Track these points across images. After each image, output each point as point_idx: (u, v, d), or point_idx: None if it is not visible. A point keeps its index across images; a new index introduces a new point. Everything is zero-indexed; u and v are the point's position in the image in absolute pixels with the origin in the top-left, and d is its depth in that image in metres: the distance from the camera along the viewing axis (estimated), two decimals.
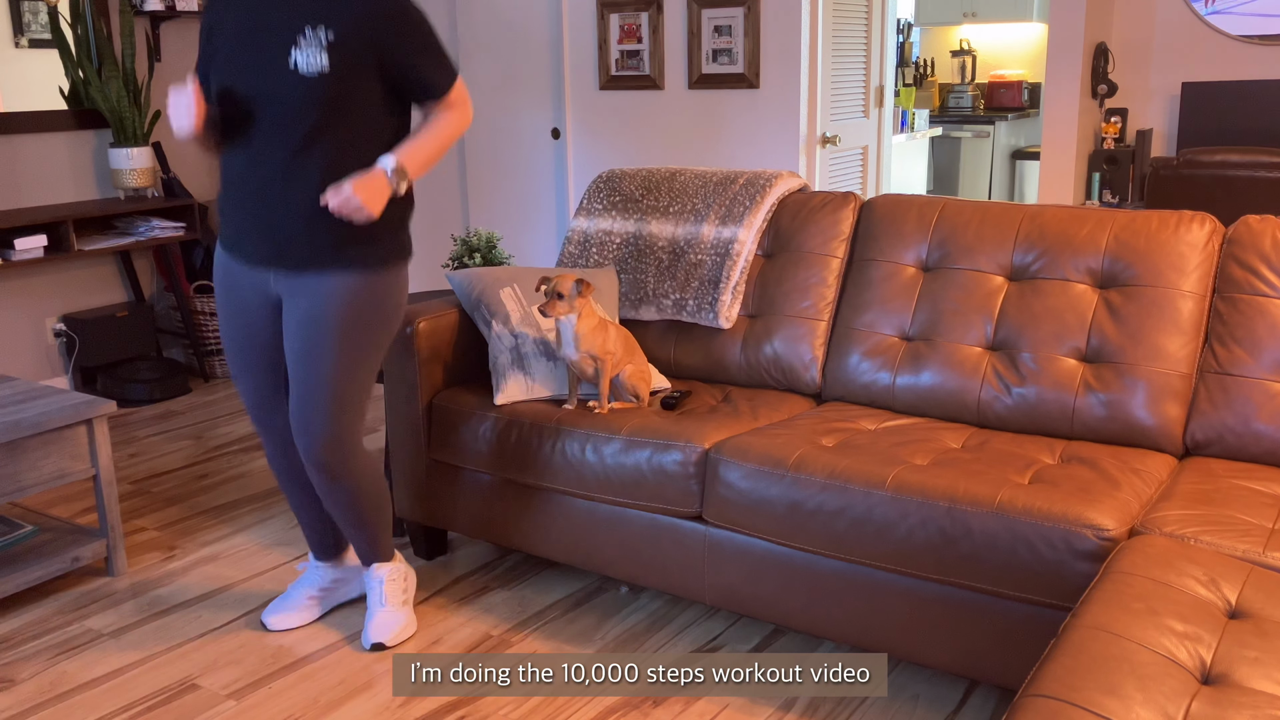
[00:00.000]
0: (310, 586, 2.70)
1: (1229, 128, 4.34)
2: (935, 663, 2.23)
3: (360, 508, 2.46)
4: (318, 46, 2.14)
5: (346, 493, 2.42)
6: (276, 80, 2.16)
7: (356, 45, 2.16)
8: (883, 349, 2.72)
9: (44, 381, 4.57)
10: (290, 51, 2.15)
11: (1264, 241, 2.42)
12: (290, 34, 2.15)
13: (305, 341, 2.29)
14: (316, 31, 2.15)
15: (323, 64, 2.14)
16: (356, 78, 2.18)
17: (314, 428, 2.33)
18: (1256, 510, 2.07)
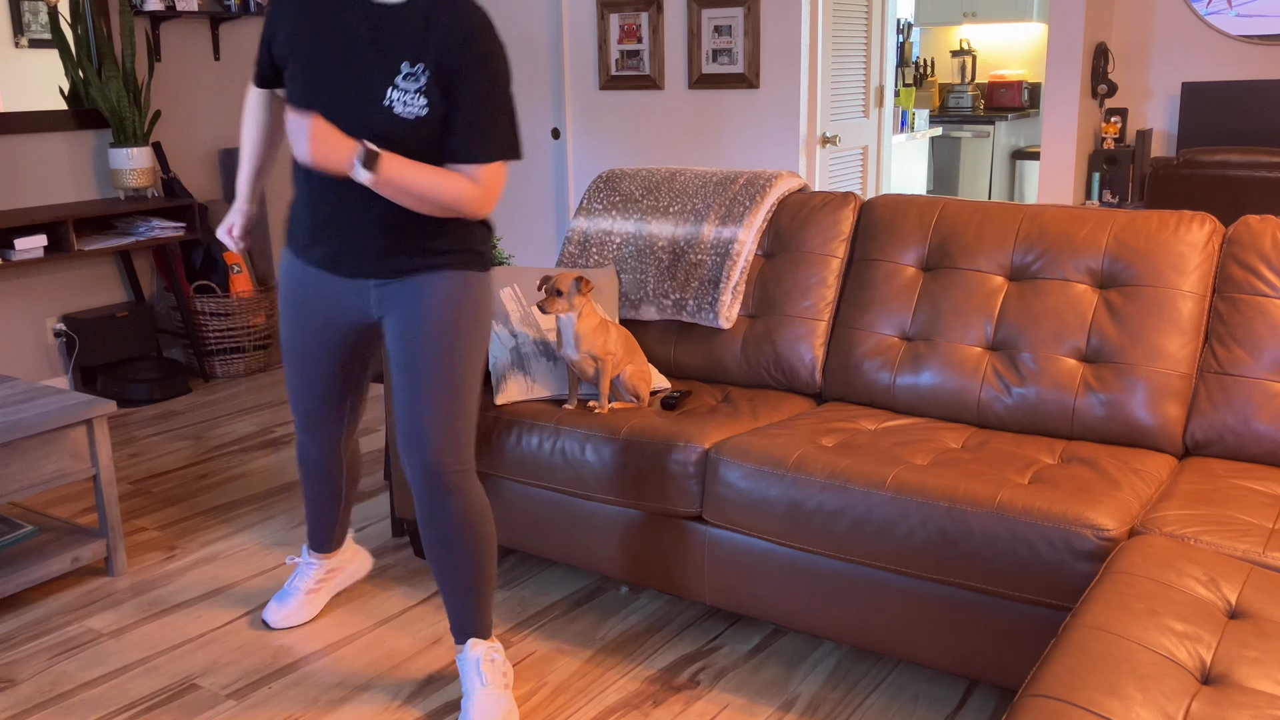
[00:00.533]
0: (308, 579, 2.70)
1: (1229, 128, 4.35)
2: (935, 663, 2.23)
3: (468, 544, 2.22)
4: (415, 89, 2.03)
5: (452, 520, 2.21)
6: (371, 117, 2.05)
7: (445, 81, 2.04)
8: (883, 349, 2.72)
9: (44, 381, 4.58)
10: (387, 91, 2.04)
11: (1264, 241, 2.42)
12: (386, 72, 2.04)
13: (409, 347, 2.19)
14: (414, 69, 2.03)
15: (420, 108, 2.04)
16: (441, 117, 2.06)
17: (428, 435, 2.17)
18: (1256, 510, 2.07)
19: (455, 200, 2.08)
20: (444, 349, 2.18)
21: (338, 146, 2.00)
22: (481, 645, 2.30)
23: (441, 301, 2.17)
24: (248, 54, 5.23)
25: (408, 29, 2.03)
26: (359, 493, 3.53)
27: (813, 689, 2.40)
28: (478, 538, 2.24)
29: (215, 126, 5.15)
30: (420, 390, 2.18)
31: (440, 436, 2.18)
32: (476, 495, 2.24)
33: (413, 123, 2.04)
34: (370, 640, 2.64)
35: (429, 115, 2.04)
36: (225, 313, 4.83)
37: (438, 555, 2.25)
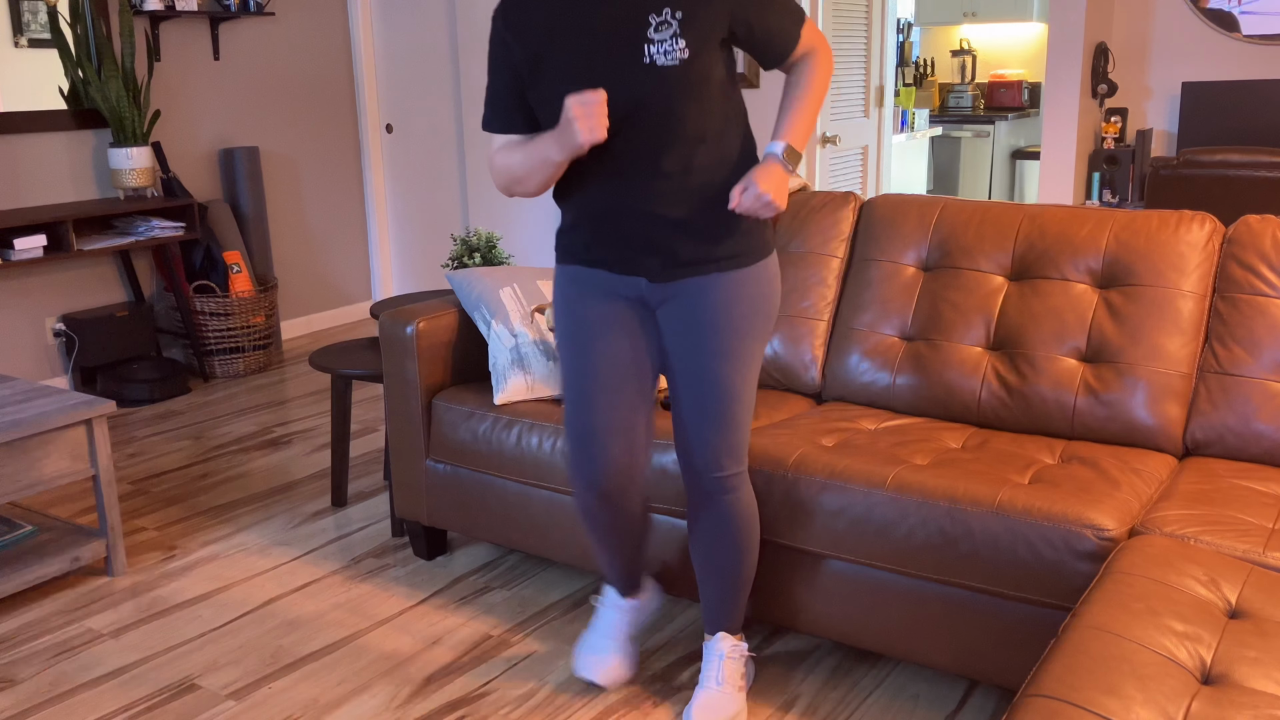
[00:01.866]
0: (624, 625, 2.43)
1: (1229, 128, 4.35)
2: (935, 663, 2.23)
3: (737, 542, 2.19)
4: (669, 34, 1.93)
5: (729, 518, 2.17)
6: (632, 82, 1.94)
7: (706, 17, 1.94)
8: (883, 349, 2.72)
9: (44, 381, 4.58)
10: (643, 47, 1.93)
11: (1264, 241, 2.42)
12: (637, 27, 1.94)
13: (693, 348, 2.09)
14: (663, 15, 1.93)
15: (681, 50, 1.93)
16: (709, 54, 1.97)
17: (716, 440, 2.11)
18: (1256, 510, 2.07)
19: (825, 79, 2.06)
20: (731, 353, 2.08)
21: (772, 176, 1.94)
22: (729, 641, 2.29)
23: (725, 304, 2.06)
24: (247, 54, 5.24)
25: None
26: (360, 492, 3.53)
27: (813, 689, 2.40)
28: (746, 535, 2.21)
29: (215, 126, 5.15)
30: (706, 398, 2.10)
31: (727, 439, 2.13)
32: (747, 496, 2.20)
33: (679, 67, 1.94)
34: (370, 640, 2.63)
35: (691, 54, 1.94)
36: (225, 313, 4.83)
37: (704, 546, 2.22)
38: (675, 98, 1.95)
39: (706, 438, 2.12)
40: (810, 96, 2.04)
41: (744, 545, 2.21)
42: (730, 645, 2.28)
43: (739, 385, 2.11)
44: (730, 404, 2.10)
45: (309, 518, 3.36)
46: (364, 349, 3.35)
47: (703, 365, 2.08)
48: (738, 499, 2.17)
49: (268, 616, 2.76)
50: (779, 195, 1.94)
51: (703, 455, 2.13)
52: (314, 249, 5.72)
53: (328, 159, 5.72)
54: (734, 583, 2.24)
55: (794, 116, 2.02)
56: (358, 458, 3.86)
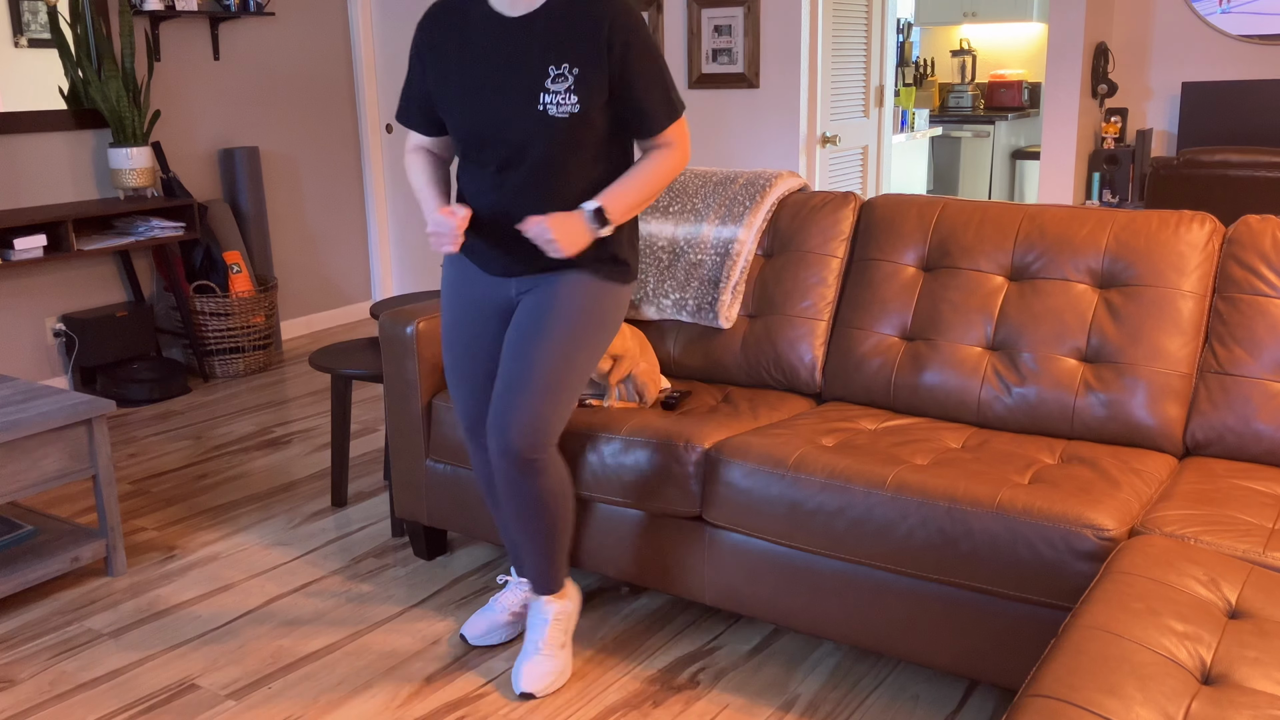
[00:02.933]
0: (513, 604, 2.59)
1: (1229, 128, 4.35)
2: (935, 663, 2.23)
3: (543, 516, 2.33)
4: (565, 88, 2.13)
5: (530, 495, 2.30)
6: (521, 126, 2.16)
7: (596, 78, 2.14)
8: (883, 349, 2.72)
9: (43, 381, 4.58)
10: (539, 95, 2.14)
11: (1264, 241, 2.42)
12: (537, 75, 2.15)
13: (525, 328, 2.27)
14: (561, 70, 2.14)
15: (573, 105, 2.14)
16: (597, 111, 2.17)
17: (512, 412, 2.24)
18: (1256, 510, 2.07)
19: (669, 172, 2.25)
20: (553, 336, 2.25)
21: (568, 224, 2.16)
22: (553, 604, 2.44)
23: (565, 294, 2.26)
24: (247, 54, 5.24)
25: (546, 34, 2.15)
26: (360, 492, 3.53)
27: (813, 689, 2.40)
28: (555, 512, 2.34)
29: (215, 126, 5.15)
30: (518, 373, 2.24)
31: (524, 416, 2.23)
32: (553, 475, 2.31)
33: (566, 120, 2.15)
34: (370, 640, 2.63)
35: (581, 110, 2.15)
36: (225, 313, 4.83)
37: (515, 525, 2.36)
38: (560, 146, 2.17)
39: (510, 413, 2.23)
40: (648, 179, 2.24)
41: (552, 519, 2.34)
42: (555, 608, 2.43)
43: (554, 373, 2.24)
44: (539, 386, 2.23)
45: (309, 518, 3.36)
46: (364, 349, 3.35)
47: (526, 344, 2.25)
48: (540, 481, 2.28)
49: (268, 616, 2.76)
50: (564, 240, 2.14)
51: (503, 431, 2.24)
52: (314, 249, 5.72)
53: (328, 159, 5.72)
54: (546, 550, 2.37)
55: (621, 188, 2.22)
56: (358, 458, 3.86)
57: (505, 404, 2.25)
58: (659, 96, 2.20)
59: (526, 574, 2.44)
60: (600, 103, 2.16)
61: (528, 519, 2.33)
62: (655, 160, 2.25)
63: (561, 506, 2.35)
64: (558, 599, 2.45)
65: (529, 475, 2.27)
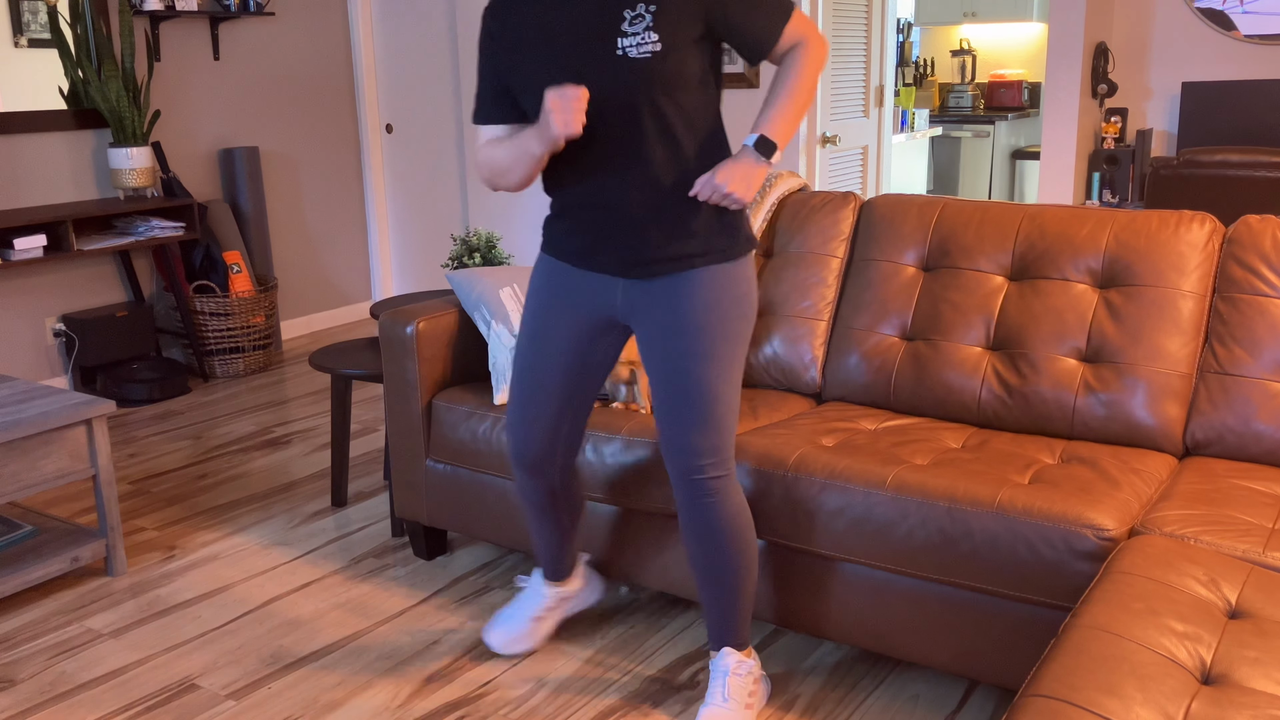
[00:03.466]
0: (535, 607, 2.53)
1: (1229, 128, 4.35)
2: (935, 663, 2.23)
3: (726, 547, 2.16)
4: (642, 28, 1.95)
5: (714, 522, 2.13)
6: (605, 74, 1.97)
7: (680, 11, 1.96)
8: (883, 349, 2.72)
9: (43, 381, 4.58)
10: (616, 41, 1.96)
11: (1264, 241, 2.42)
12: (611, 21, 1.97)
13: (671, 349, 2.08)
14: (636, 10, 1.96)
15: (654, 43, 1.95)
16: (684, 50, 1.98)
17: (692, 442, 2.09)
18: (1256, 510, 2.07)
19: (813, 71, 2.03)
20: (709, 354, 2.07)
21: (740, 168, 1.98)
22: (734, 656, 2.24)
23: (701, 303, 2.07)
24: (247, 54, 5.24)
25: None
26: (360, 492, 3.53)
27: (813, 689, 2.40)
28: (736, 543, 2.16)
29: (215, 126, 5.15)
30: (685, 400, 2.09)
31: (706, 442, 2.10)
32: (735, 500, 2.16)
33: (650, 60, 1.96)
34: (370, 640, 2.63)
35: (664, 48, 1.96)
36: (225, 313, 4.83)
37: (696, 557, 2.19)
38: (647, 91, 1.97)
39: (685, 440, 2.10)
40: (794, 89, 2.03)
41: (735, 551, 2.16)
42: (735, 661, 2.23)
43: (719, 386, 2.09)
44: (709, 405, 2.08)
45: (309, 518, 3.36)
46: (364, 349, 3.35)
47: (680, 367, 2.08)
48: (723, 503, 2.14)
49: (268, 616, 2.76)
50: (741, 187, 1.97)
51: (682, 457, 2.11)
52: (314, 249, 5.72)
53: (328, 159, 5.72)
54: (730, 592, 2.19)
55: (774, 109, 2.02)
56: (358, 458, 3.86)
57: (684, 436, 2.09)
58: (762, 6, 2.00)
59: (710, 625, 2.25)
60: (689, 38, 1.98)
61: (711, 553, 2.16)
62: (793, 66, 2.02)
63: (745, 540, 2.17)
64: (745, 655, 2.26)
65: (717, 496, 2.12)
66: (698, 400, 2.08)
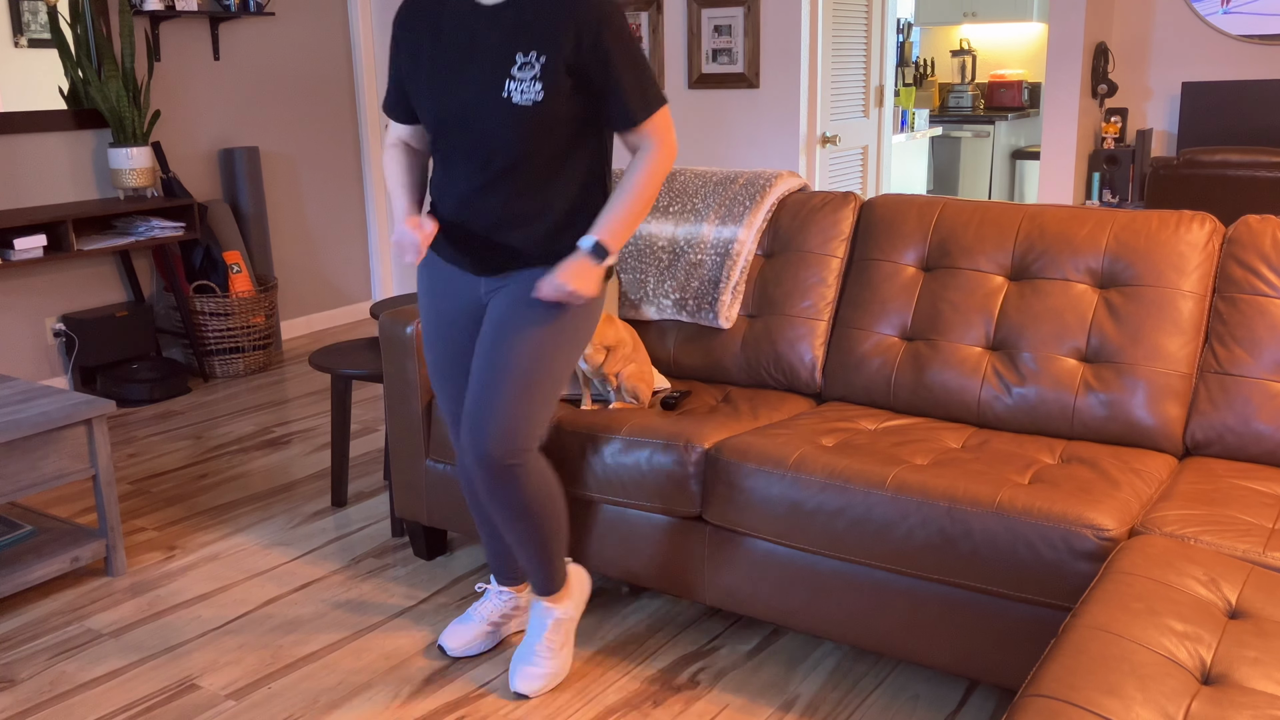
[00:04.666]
0: (494, 611, 2.56)
1: (1229, 128, 4.35)
2: (935, 663, 2.23)
3: (528, 522, 2.28)
4: (530, 76, 2.08)
5: (514, 502, 2.24)
6: (487, 114, 2.11)
7: (563, 67, 2.08)
8: (883, 349, 2.72)
9: (43, 381, 4.58)
10: (504, 83, 2.09)
11: (1264, 241, 2.42)
12: (502, 62, 2.10)
13: (494, 331, 2.22)
14: (529, 58, 2.08)
15: (536, 94, 2.08)
16: (563, 99, 2.11)
17: (486, 419, 2.19)
18: (1256, 510, 2.07)
19: (657, 180, 2.19)
20: (525, 336, 2.19)
21: (578, 269, 2.13)
22: (552, 606, 2.42)
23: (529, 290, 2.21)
24: (247, 54, 5.24)
25: (517, 22, 2.11)
26: (360, 492, 3.53)
27: (813, 689, 2.40)
28: (540, 516, 2.29)
29: (215, 126, 5.15)
30: (493, 376, 2.19)
31: (499, 421, 2.18)
32: (534, 479, 2.25)
33: (530, 109, 2.09)
34: (370, 640, 2.63)
35: (545, 100, 2.09)
36: (225, 313, 4.83)
37: (503, 529, 2.32)
38: (526, 137, 2.12)
39: (486, 419, 2.19)
40: (634, 195, 2.17)
41: (538, 523, 2.28)
42: (552, 614, 2.41)
43: (530, 372, 2.19)
44: (516, 387, 2.18)
45: (309, 518, 3.36)
46: (364, 349, 3.35)
47: (498, 345, 2.20)
48: (520, 487, 2.23)
49: (268, 616, 2.76)
50: (580, 284, 2.13)
51: (479, 438, 2.19)
52: (314, 249, 5.72)
53: (328, 159, 5.72)
54: (537, 553, 2.33)
55: (611, 214, 2.17)
56: (358, 458, 3.86)
57: (478, 411, 2.20)
58: (633, 86, 2.12)
59: (527, 576, 2.41)
60: (566, 91, 2.10)
61: (515, 526, 2.28)
62: (638, 170, 2.17)
63: (548, 509, 2.30)
64: (556, 601, 2.43)
65: (509, 482, 2.22)
66: (509, 381, 2.18)
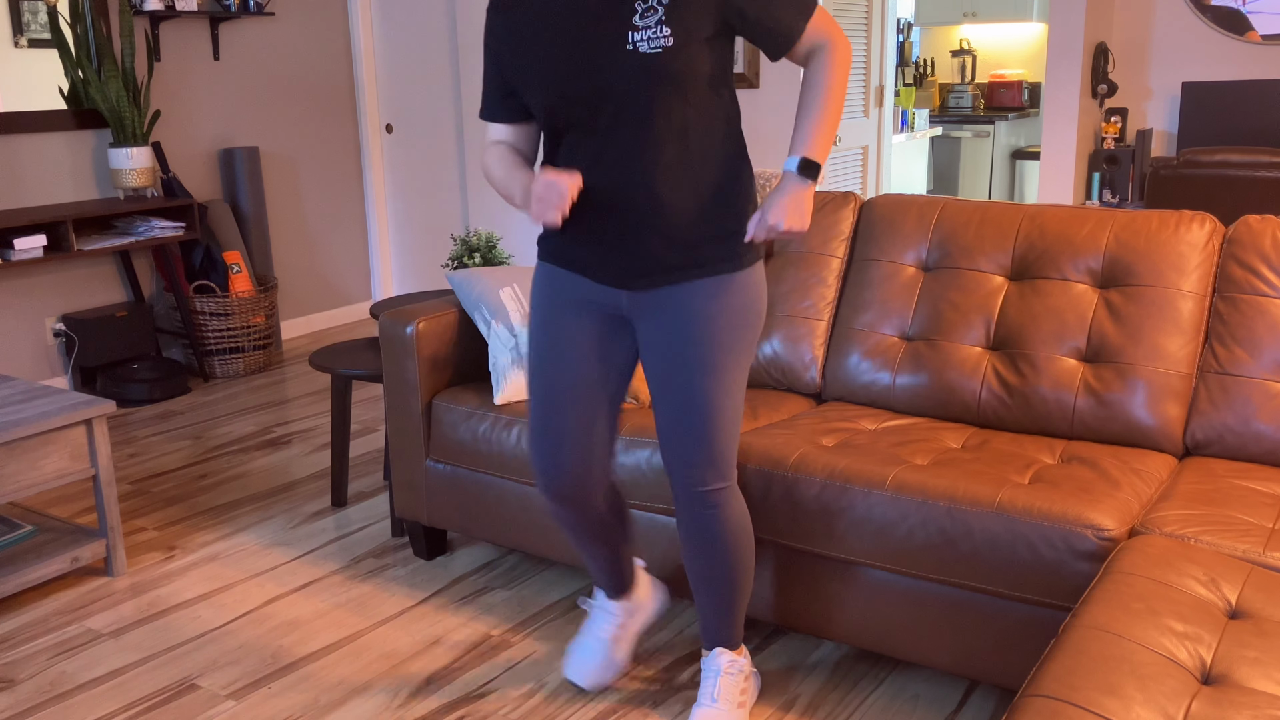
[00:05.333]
0: (609, 628, 2.40)
1: (1229, 128, 4.35)
2: (935, 663, 2.23)
3: (725, 556, 2.13)
4: (654, 20, 1.85)
5: (716, 533, 2.10)
6: (613, 70, 1.88)
7: (693, 6, 1.86)
8: (883, 349, 2.72)
9: (43, 381, 4.58)
10: (627, 34, 1.86)
11: (1264, 241, 2.42)
12: (624, 12, 1.87)
13: (672, 359, 2.01)
14: (649, 3, 1.86)
15: (665, 38, 1.85)
16: (695, 45, 1.88)
17: (692, 451, 2.03)
18: (1256, 510, 2.07)
19: (844, 78, 1.95)
20: (711, 364, 2.00)
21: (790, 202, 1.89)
22: (726, 655, 2.23)
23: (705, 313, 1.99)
24: (247, 54, 5.24)
25: None
26: (360, 492, 3.53)
27: (813, 689, 2.40)
28: (736, 551, 2.13)
29: (215, 126, 5.15)
30: (686, 411, 2.02)
31: (707, 454, 2.04)
32: (736, 509, 2.12)
33: (661, 54, 1.86)
34: (370, 640, 2.63)
35: (676, 42, 1.86)
36: (225, 313, 4.83)
37: (693, 560, 2.16)
38: (656, 87, 1.88)
39: (688, 453, 2.05)
40: (826, 101, 1.94)
41: (734, 560, 2.14)
42: (728, 661, 2.23)
43: (721, 399, 2.02)
44: (711, 418, 2.02)
45: (309, 518, 3.36)
46: (364, 349, 3.35)
47: (683, 380, 2.01)
48: (724, 514, 2.10)
49: (268, 616, 2.76)
50: (795, 219, 1.89)
51: (685, 471, 2.06)
52: (314, 249, 5.72)
53: (328, 159, 5.72)
54: (727, 597, 2.18)
55: (809, 127, 1.93)
56: (358, 458, 3.86)
57: (686, 450, 2.04)
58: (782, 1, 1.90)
59: (704, 626, 2.23)
60: (702, 34, 1.88)
61: (709, 561, 2.12)
62: (820, 75, 1.93)
63: (744, 547, 2.14)
64: (737, 655, 2.24)
65: (719, 508, 2.08)
66: (698, 413, 2.02)
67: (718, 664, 2.23)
